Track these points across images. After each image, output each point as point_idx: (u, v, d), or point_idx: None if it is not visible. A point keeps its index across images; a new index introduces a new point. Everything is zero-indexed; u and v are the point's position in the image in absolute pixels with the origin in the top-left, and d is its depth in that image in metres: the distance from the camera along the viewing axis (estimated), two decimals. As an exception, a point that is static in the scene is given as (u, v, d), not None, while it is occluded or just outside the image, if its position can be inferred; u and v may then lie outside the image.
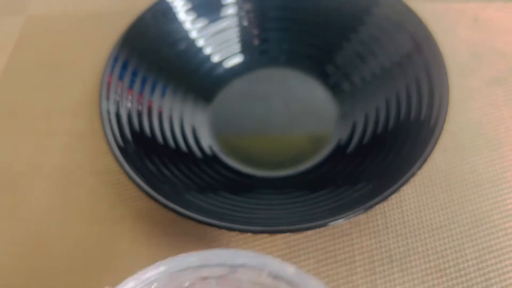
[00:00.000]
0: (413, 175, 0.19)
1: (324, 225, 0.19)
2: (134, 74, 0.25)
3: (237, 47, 0.29)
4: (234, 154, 0.26)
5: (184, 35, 0.28)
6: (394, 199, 0.24)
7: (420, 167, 0.20)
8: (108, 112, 0.23)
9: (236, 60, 0.29)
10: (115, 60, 0.25)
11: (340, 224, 0.23)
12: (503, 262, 0.22)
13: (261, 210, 0.22)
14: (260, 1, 0.29)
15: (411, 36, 0.24)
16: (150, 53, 0.26)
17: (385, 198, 0.19)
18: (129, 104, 0.24)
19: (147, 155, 0.23)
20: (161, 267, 0.14)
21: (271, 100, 0.28)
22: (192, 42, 0.28)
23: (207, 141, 0.27)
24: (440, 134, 0.21)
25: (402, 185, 0.19)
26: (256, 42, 0.30)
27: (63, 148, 0.28)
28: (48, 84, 0.31)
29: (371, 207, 0.19)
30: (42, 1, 0.36)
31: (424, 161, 0.20)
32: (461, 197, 0.24)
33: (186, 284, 0.14)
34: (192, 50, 0.28)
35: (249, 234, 0.23)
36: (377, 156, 0.23)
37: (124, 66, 0.25)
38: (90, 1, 0.36)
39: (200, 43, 0.29)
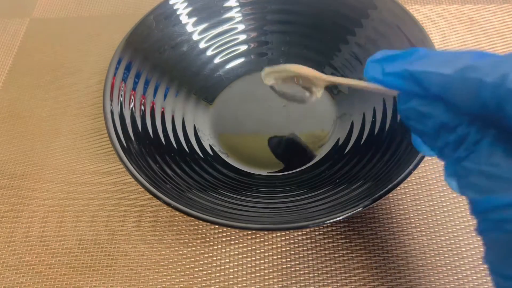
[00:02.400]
0: (409, 174, 0.20)
1: (322, 223, 0.19)
2: (137, 75, 0.26)
3: (237, 49, 0.30)
4: (234, 154, 0.26)
5: (186, 38, 0.28)
6: (391, 197, 0.24)
7: (416, 166, 0.20)
8: (112, 113, 0.23)
9: (237, 62, 0.30)
10: (119, 62, 0.25)
11: (338, 221, 0.24)
12: (498, 259, 0.22)
13: (261, 208, 0.22)
14: (260, 4, 0.29)
15: (408, 38, 0.24)
16: (153, 55, 0.27)
17: (382, 197, 0.19)
18: (132, 105, 0.25)
19: (150, 155, 0.23)
20: None
21: (271, 101, 0.28)
22: (193, 44, 0.29)
23: (209, 141, 0.27)
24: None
25: (399, 184, 0.19)
26: (256, 44, 0.30)
27: (67, 148, 0.28)
28: (52, 85, 0.31)
29: (368, 205, 0.19)
30: (46, 4, 0.37)
31: (420, 160, 0.20)
32: (457, 196, 0.24)
33: None
34: (194, 52, 0.29)
35: (250, 232, 0.24)
36: (374, 155, 0.23)
37: (128, 68, 0.25)
38: (93, 4, 0.36)
39: (202, 45, 0.29)
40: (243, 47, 0.30)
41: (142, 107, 0.25)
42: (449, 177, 0.14)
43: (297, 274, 0.22)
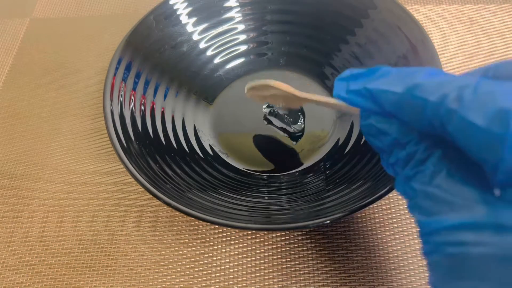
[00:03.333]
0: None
1: (322, 223, 0.19)
2: (137, 75, 0.26)
3: (237, 49, 0.30)
4: (234, 154, 0.26)
5: (186, 38, 0.28)
6: (391, 197, 0.24)
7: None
8: (112, 113, 0.23)
9: (237, 62, 0.30)
10: (119, 62, 0.25)
11: (338, 221, 0.24)
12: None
13: (261, 208, 0.22)
14: (260, 4, 0.29)
15: (408, 38, 0.24)
16: (153, 55, 0.27)
17: (382, 197, 0.19)
18: (132, 105, 0.25)
19: (150, 155, 0.23)
20: None
21: (271, 101, 0.28)
22: (193, 44, 0.29)
23: (208, 141, 0.27)
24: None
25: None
26: (255, 44, 0.30)
27: (67, 148, 0.28)
28: (52, 85, 0.31)
29: (368, 205, 0.19)
30: (46, 4, 0.37)
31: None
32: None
33: None
34: (194, 52, 0.29)
35: (250, 232, 0.24)
36: (374, 155, 0.23)
37: (128, 68, 0.25)
38: (93, 4, 0.36)
39: (202, 45, 0.29)
40: (243, 47, 0.30)
41: (142, 107, 0.25)
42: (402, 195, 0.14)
43: (297, 274, 0.22)
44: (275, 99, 0.20)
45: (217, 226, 0.24)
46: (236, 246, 0.23)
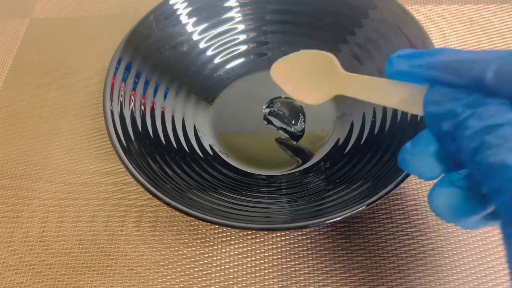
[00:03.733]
0: (409, 174, 0.20)
1: (322, 223, 0.19)
2: (137, 75, 0.26)
3: (237, 49, 0.30)
4: (234, 154, 0.26)
5: (186, 38, 0.28)
6: (391, 197, 0.24)
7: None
8: (112, 113, 0.23)
9: (237, 62, 0.30)
10: (119, 62, 0.25)
11: (338, 221, 0.24)
12: (498, 260, 0.22)
13: (260, 208, 0.22)
14: (259, 4, 0.29)
15: (408, 38, 0.24)
16: (153, 55, 0.27)
17: (382, 197, 0.19)
18: (132, 105, 0.25)
19: (150, 155, 0.23)
20: None
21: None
22: (193, 44, 0.29)
23: (208, 141, 0.27)
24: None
25: (399, 183, 0.19)
26: (255, 44, 0.30)
27: (67, 148, 0.28)
28: (52, 85, 0.31)
29: (368, 205, 0.19)
30: (46, 4, 0.37)
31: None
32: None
33: None
34: (194, 52, 0.29)
35: (250, 232, 0.24)
36: (374, 155, 0.23)
37: (128, 68, 0.25)
38: (93, 4, 0.36)
39: (202, 45, 0.29)
40: (243, 47, 0.30)
41: (142, 107, 0.25)
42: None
43: (297, 274, 0.22)
44: (298, 88, 0.19)
45: (217, 226, 0.24)
46: (236, 246, 0.23)
